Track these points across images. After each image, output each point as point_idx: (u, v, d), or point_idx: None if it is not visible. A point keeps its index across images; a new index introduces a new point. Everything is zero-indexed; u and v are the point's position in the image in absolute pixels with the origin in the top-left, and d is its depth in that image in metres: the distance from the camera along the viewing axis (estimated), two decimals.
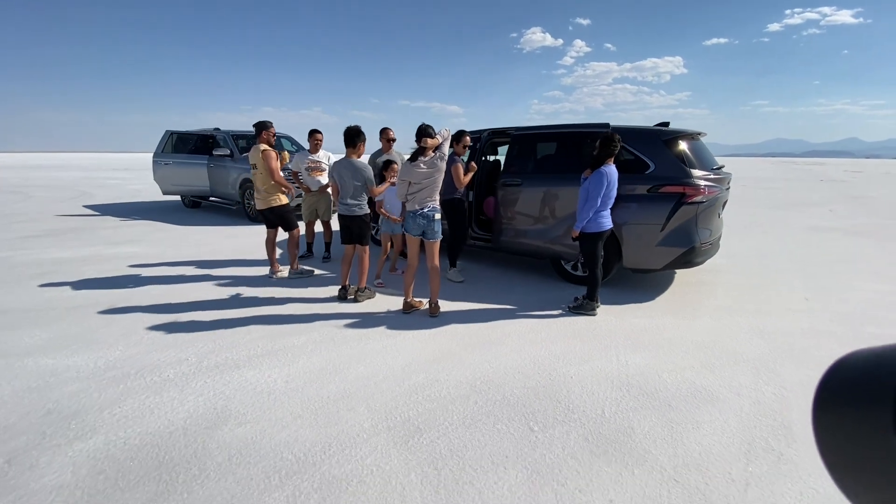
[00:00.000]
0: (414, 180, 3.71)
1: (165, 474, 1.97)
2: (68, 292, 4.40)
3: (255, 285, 4.76)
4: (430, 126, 3.76)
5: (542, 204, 4.93)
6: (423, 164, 3.69)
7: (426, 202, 3.75)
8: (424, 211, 3.74)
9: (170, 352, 3.14)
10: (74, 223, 8.45)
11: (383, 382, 2.77)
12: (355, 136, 4.24)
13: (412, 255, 3.92)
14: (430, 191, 3.75)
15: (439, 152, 3.74)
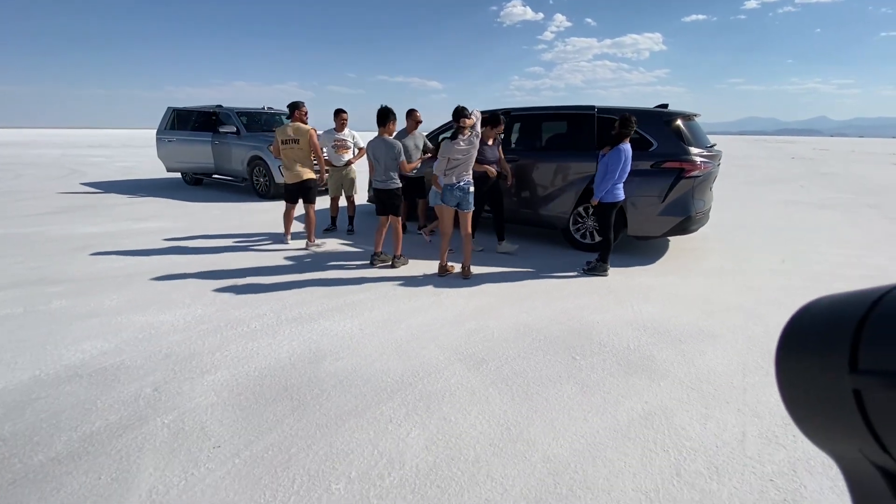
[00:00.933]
0: (453, 157, 4.15)
1: (294, 394, 2.44)
2: (120, 262, 4.72)
3: (293, 253, 5.16)
4: (466, 107, 4.18)
5: (534, 178, 5.53)
6: (462, 143, 4.13)
7: (462, 176, 4.21)
8: (461, 184, 4.21)
9: (245, 309, 3.56)
10: (83, 200, 8.55)
11: (442, 328, 3.27)
12: (386, 115, 4.62)
13: (447, 224, 4.38)
14: (466, 166, 4.20)
15: (474, 131, 4.18)
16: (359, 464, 1.94)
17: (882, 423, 0.23)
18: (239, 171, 9.42)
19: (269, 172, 8.73)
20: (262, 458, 1.97)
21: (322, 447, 2.04)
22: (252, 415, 2.27)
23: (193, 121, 10.05)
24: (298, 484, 1.83)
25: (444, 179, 4.26)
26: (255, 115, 9.92)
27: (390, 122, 4.66)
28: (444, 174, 4.24)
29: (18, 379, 2.56)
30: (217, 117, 9.82)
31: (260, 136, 9.21)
